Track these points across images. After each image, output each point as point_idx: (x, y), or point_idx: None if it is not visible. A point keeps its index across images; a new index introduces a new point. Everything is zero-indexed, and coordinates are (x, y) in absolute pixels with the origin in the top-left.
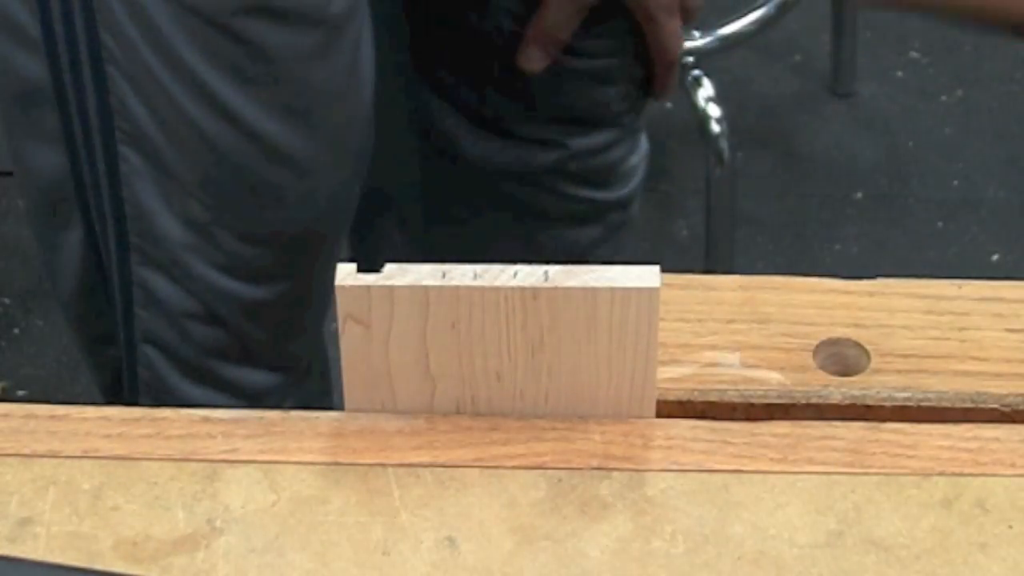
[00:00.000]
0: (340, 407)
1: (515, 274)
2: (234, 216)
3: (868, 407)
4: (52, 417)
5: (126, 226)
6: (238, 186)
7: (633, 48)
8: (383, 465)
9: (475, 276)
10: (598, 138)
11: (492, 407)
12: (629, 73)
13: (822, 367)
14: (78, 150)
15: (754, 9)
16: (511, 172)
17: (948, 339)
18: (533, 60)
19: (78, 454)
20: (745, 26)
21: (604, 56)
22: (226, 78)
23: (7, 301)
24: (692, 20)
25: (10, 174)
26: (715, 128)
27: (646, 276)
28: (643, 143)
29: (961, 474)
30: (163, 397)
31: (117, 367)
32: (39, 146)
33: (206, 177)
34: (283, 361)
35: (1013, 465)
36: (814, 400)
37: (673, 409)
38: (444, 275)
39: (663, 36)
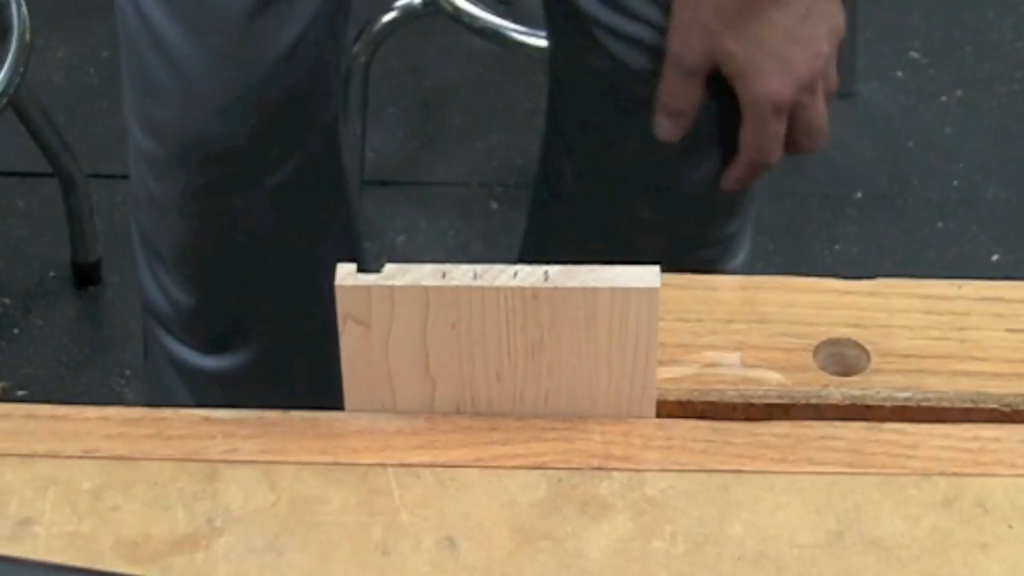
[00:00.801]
0: (340, 407)
1: (515, 274)
2: (133, 100)
3: (868, 407)
4: (52, 417)
5: None
6: (132, 68)
7: (725, 136)
8: (383, 465)
9: (475, 276)
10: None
11: (492, 407)
12: (714, 159)
13: (822, 367)
14: None
15: None
16: (595, 223)
17: (948, 339)
18: (664, 130)
19: (78, 454)
20: None
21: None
22: None
23: (7, 301)
24: (814, 147)
25: (10, 174)
26: None
27: (646, 276)
28: (740, 256)
29: (961, 474)
30: (135, 272)
31: None
32: None
33: (120, 51)
34: (188, 285)
35: (1013, 465)
36: (814, 400)
37: (673, 409)
38: (444, 275)
39: (760, 133)
